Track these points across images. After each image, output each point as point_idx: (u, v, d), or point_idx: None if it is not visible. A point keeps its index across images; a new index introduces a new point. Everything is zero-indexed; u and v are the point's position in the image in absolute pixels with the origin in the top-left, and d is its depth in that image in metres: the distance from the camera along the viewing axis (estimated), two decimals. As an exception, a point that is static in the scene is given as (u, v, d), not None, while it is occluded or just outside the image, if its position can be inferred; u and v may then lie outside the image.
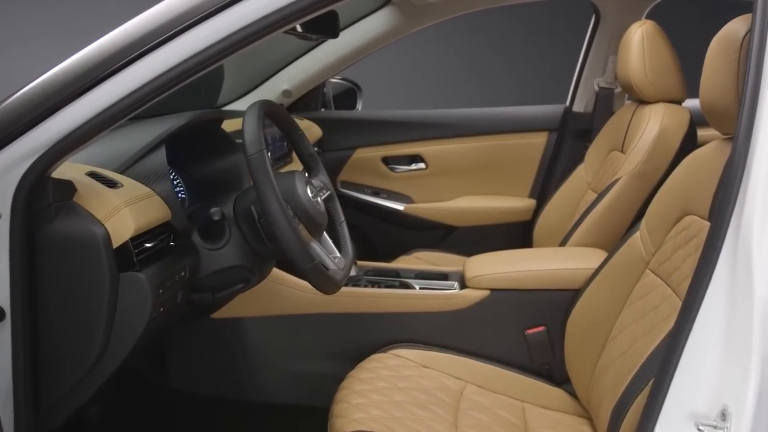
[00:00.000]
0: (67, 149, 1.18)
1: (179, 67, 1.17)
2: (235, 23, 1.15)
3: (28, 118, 1.15)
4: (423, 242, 2.75)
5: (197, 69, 1.18)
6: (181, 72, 1.17)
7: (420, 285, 1.98)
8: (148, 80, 1.16)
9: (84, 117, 1.16)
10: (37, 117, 1.15)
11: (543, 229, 2.59)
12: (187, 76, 1.18)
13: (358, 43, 2.70)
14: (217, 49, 1.16)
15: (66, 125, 1.16)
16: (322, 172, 1.71)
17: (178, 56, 1.16)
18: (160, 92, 1.18)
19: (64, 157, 1.20)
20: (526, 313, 1.86)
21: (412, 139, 2.88)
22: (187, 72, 1.17)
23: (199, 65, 1.17)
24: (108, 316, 1.24)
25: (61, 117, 1.16)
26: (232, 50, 1.18)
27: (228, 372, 1.96)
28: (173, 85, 1.18)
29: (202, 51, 1.16)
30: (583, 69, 2.76)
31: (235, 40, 1.16)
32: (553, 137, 2.82)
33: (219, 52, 1.17)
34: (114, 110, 1.17)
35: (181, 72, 1.17)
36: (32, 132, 1.16)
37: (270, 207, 1.34)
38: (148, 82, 1.17)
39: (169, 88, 1.19)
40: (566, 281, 1.84)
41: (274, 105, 1.53)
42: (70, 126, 1.16)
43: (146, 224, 1.30)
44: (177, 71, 1.17)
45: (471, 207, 2.86)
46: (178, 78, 1.17)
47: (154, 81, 1.17)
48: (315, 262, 1.38)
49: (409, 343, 1.87)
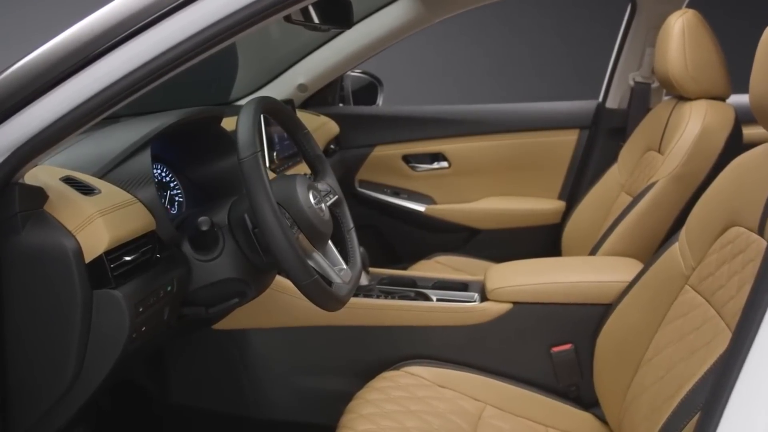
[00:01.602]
0: (35, 152, 1.06)
1: (164, 56, 1.04)
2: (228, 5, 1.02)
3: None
4: (445, 246, 2.63)
5: (183, 59, 1.05)
6: (165, 62, 1.04)
7: (437, 296, 1.84)
8: (128, 71, 1.04)
9: (54, 115, 1.04)
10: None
11: (572, 233, 2.45)
12: (173, 67, 1.05)
13: (377, 34, 2.57)
14: (209, 35, 1.04)
15: (33, 125, 1.04)
16: (330, 175, 1.57)
17: (164, 43, 1.03)
18: (143, 85, 1.06)
19: (32, 160, 1.07)
20: (552, 329, 1.73)
21: (434, 136, 2.76)
22: (173, 62, 1.04)
23: (187, 54, 1.04)
24: (81, 337, 1.13)
25: (27, 115, 1.04)
26: (225, 36, 1.05)
27: (230, 386, 1.85)
28: (156, 78, 1.06)
29: (192, 37, 1.03)
30: (617, 62, 2.62)
31: (228, 24, 1.03)
32: (584, 135, 2.68)
33: (211, 38, 1.04)
34: (89, 107, 1.04)
35: (165, 62, 1.04)
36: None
37: (263, 216, 1.21)
38: (128, 73, 1.04)
39: (151, 81, 1.06)
40: (597, 295, 1.70)
41: (273, 102, 1.40)
42: (38, 125, 1.04)
43: (124, 235, 1.17)
44: (161, 61, 1.04)
45: (496, 209, 2.74)
46: (162, 69, 1.05)
47: (135, 72, 1.04)
48: (314, 277, 1.25)
49: (423, 360, 1.74)
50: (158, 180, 1.59)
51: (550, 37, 5.00)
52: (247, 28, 1.06)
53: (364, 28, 2.54)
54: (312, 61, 2.64)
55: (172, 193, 1.62)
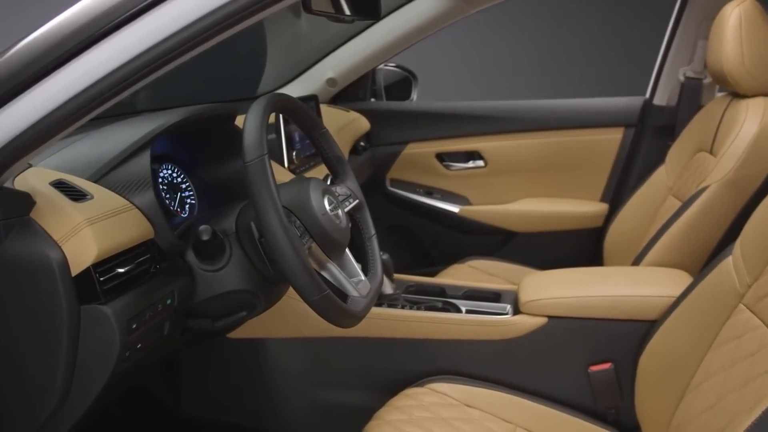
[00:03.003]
0: (15, 155, 0.96)
1: (160, 46, 0.94)
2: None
3: None
4: (479, 249, 2.51)
5: (181, 50, 0.94)
6: (161, 53, 0.94)
7: (467, 307, 1.72)
8: (120, 64, 0.94)
9: (36, 114, 0.94)
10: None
11: (615, 238, 2.31)
12: (169, 59, 0.95)
13: (410, 25, 2.45)
14: (211, 22, 0.93)
15: (13, 126, 0.95)
16: (350, 177, 1.46)
17: (159, 33, 0.93)
18: (136, 80, 0.95)
19: (13, 165, 0.98)
20: (591, 347, 1.60)
21: (470, 133, 2.64)
22: (169, 54, 0.94)
23: (186, 44, 0.94)
24: (68, 355, 1.04)
25: (6, 116, 0.94)
26: (228, 24, 0.95)
27: (246, 398, 1.75)
28: (152, 71, 0.95)
29: (190, 25, 0.93)
30: (666, 56, 2.47)
31: (232, 11, 0.93)
32: (629, 133, 2.54)
33: (213, 25, 0.94)
34: (76, 104, 0.94)
35: (161, 53, 0.94)
36: None
37: (268, 225, 1.10)
38: (119, 66, 0.94)
39: (146, 75, 0.95)
40: (640, 311, 1.57)
41: (286, 99, 1.29)
42: (17, 127, 0.95)
43: (116, 245, 1.07)
44: (156, 52, 0.94)
45: (534, 211, 2.61)
46: (158, 61, 0.94)
47: (129, 65, 0.94)
48: (324, 292, 1.14)
49: (449, 376, 1.62)
50: (168, 181, 1.50)
51: (593, 29, 4.79)
52: (251, 16, 0.95)
53: (396, 19, 2.42)
54: (341, 55, 2.53)
55: (184, 195, 1.53)
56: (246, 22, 0.95)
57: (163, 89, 2.32)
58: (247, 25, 0.96)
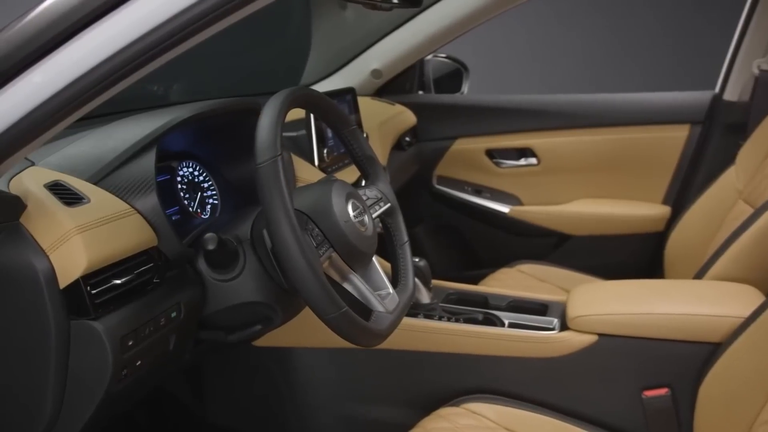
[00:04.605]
0: (6, 151, 0.88)
1: (153, 34, 0.83)
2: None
3: None
4: (529, 252, 2.38)
5: (181, 36, 0.84)
6: (154, 42, 0.84)
7: (510, 320, 1.59)
8: (108, 55, 0.84)
9: (20, 111, 0.85)
10: None
11: (678, 244, 2.14)
12: (165, 48, 0.85)
13: (460, 14, 2.31)
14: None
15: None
16: (382, 178, 1.34)
17: (152, 19, 0.83)
18: (129, 71, 0.85)
19: (3, 161, 0.89)
20: (646, 369, 1.45)
21: (522, 129, 2.51)
22: (164, 42, 0.84)
23: (184, 30, 0.83)
24: (57, 374, 0.95)
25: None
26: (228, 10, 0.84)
27: (272, 409, 1.66)
28: (147, 61, 0.85)
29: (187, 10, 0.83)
30: (739, 46, 2.30)
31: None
32: (696, 131, 2.38)
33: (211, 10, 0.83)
34: (59, 101, 0.85)
35: (154, 42, 0.84)
36: None
37: (279, 234, 0.99)
38: (108, 57, 0.84)
39: (139, 67, 0.85)
40: (703, 331, 1.41)
41: (308, 93, 1.18)
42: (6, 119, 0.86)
43: (111, 255, 0.98)
44: (148, 42, 0.83)
45: (590, 213, 2.46)
46: (151, 51, 0.84)
47: (120, 54, 0.84)
48: (342, 309, 1.02)
49: (487, 395, 1.50)
50: (189, 180, 1.41)
51: (657, 16, 4.54)
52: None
53: (445, 7, 2.28)
54: (387, 45, 2.41)
55: (206, 195, 1.44)
56: (246, 9, 0.83)
57: (198, 82, 2.25)
58: (247, 12, 0.85)
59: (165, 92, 2.01)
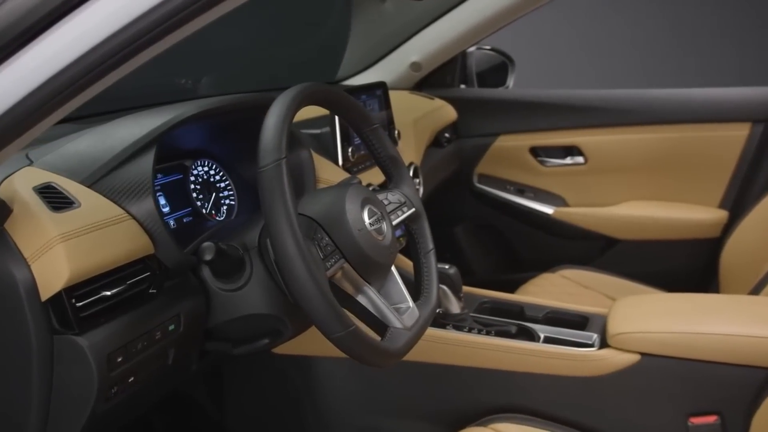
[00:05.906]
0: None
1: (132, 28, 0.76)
2: None
3: None
4: (574, 256, 2.26)
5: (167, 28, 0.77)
6: (131, 38, 0.76)
7: (546, 333, 1.48)
8: (83, 52, 0.77)
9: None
10: None
11: (735, 251, 1.99)
12: (154, 39, 0.77)
13: (506, 3, 2.19)
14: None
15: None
16: (407, 181, 1.25)
17: None
18: (118, 63, 0.78)
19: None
20: (693, 394, 1.33)
21: (569, 126, 2.38)
22: (142, 37, 0.76)
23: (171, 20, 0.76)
24: (40, 393, 0.89)
25: None
26: None
27: (292, 419, 1.59)
28: (129, 56, 0.78)
29: None
30: None
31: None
32: (758, 130, 2.22)
33: None
34: (46, 93, 0.78)
35: (131, 38, 0.76)
36: None
37: (280, 244, 0.91)
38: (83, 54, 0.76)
39: (126, 58, 0.78)
40: (759, 355, 1.28)
41: (322, 90, 1.09)
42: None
43: (96, 266, 0.90)
44: (125, 36, 0.76)
45: (640, 216, 2.32)
46: (130, 47, 0.77)
47: (108, 43, 0.77)
48: (350, 328, 0.93)
49: (518, 414, 1.40)
50: (204, 179, 1.34)
51: (718, 7, 4.32)
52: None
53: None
54: (427, 36, 2.30)
55: (222, 195, 1.36)
56: None
57: (233, 75, 2.18)
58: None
59: (193, 87, 1.94)
